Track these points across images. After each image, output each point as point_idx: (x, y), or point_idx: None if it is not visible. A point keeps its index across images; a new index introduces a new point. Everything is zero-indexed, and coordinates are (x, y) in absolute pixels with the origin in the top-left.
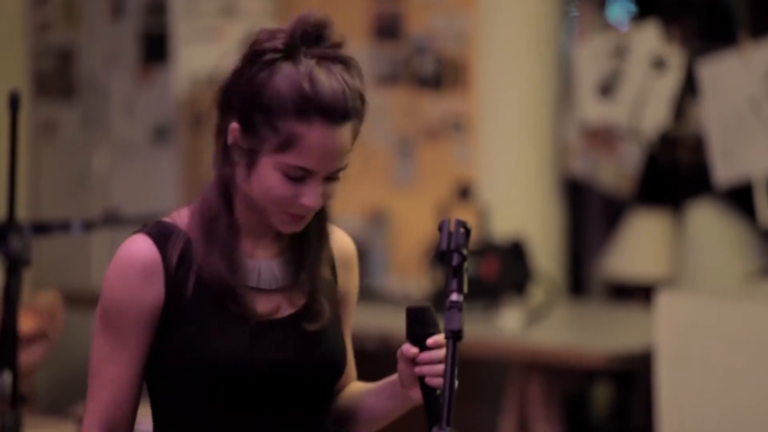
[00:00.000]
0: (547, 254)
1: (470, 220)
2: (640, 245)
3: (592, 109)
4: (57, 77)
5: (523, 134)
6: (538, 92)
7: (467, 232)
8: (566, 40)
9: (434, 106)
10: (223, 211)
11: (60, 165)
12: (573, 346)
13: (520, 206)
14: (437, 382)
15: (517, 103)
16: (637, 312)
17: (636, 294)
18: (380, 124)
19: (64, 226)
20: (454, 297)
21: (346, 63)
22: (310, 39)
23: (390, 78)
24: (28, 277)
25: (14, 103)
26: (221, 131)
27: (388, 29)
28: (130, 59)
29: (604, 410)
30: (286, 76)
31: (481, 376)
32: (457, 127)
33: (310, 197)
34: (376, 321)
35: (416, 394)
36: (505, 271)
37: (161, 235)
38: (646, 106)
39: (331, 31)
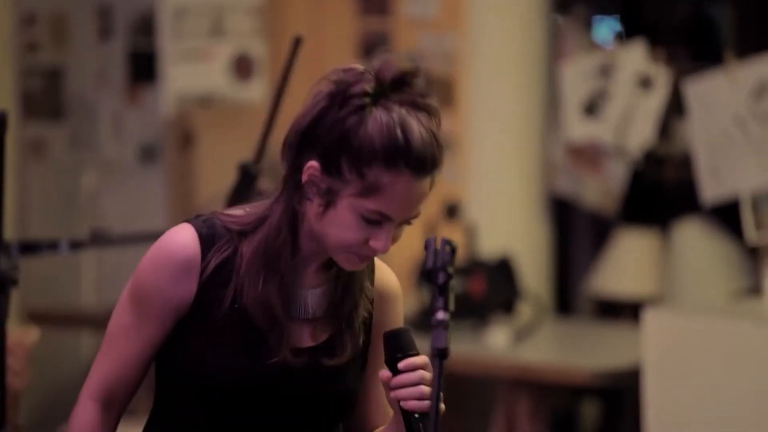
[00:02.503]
0: (534, 272)
1: (457, 238)
2: (627, 263)
3: (578, 128)
4: (45, 97)
5: (510, 153)
6: (524, 111)
7: (453, 250)
8: (552, 59)
9: None
10: (290, 244)
11: (48, 184)
12: (560, 364)
13: (508, 224)
14: (412, 405)
15: (504, 121)
16: (625, 329)
17: (623, 312)
18: None
19: (52, 246)
20: (440, 315)
21: (431, 111)
22: (399, 85)
23: None
24: (16, 296)
25: (2, 123)
26: (295, 168)
27: (375, 49)
28: (118, 79)
29: (592, 427)
30: (378, 123)
31: (469, 393)
32: (444, 146)
33: (381, 242)
34: None
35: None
36: (493, 289)
37: (210, 234)
38: (632, 124)
39: (418, 79)
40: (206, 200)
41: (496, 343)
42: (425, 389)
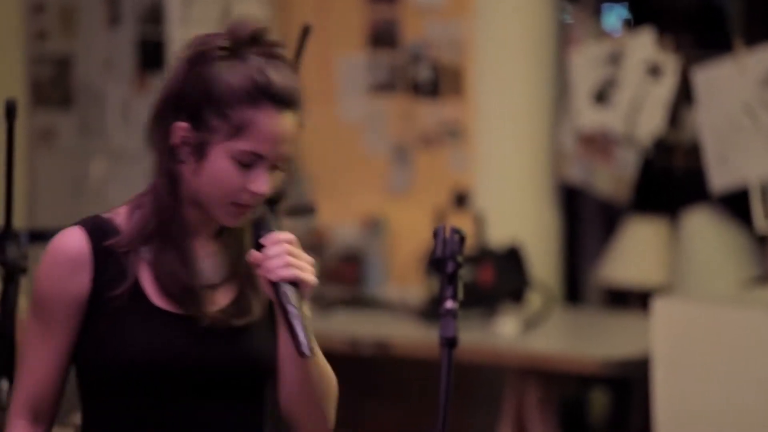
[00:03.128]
0: (543, 261)
1: (466, 226)
2: (636, 252)
3: (588, 116)
4: (54, 85)
5: (519, 141)
6: (533, 99)
7: (462, 239)
8: (561, 46)
9: (430, 114)
10: (176, 211)
11: (57, 172)
12: (570, 353)
13: (517, 213)
14: (279, 274)
15: (513, 110)
16: (634, 318)
17: (632, 300)
18: (376, 132)
19: None
20: (449, 304)
21: (286, 61)
22: (253, 39)
23: (386, 85)
24: (26, 284)
25: (11, 111)
26: (166, 136)
27: (383, 37)
28: (126, 67)
29: (602, 416)
30: (236, 69)
31: (478, 382)
32: (453, 134)
33: (259, 184)
34: (372, 328)
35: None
36: (502, 277)
37: (96, 228)
38: (641, 112)
39: (269, 34)
40: None
41: (505, 332)
42: (290, 258)
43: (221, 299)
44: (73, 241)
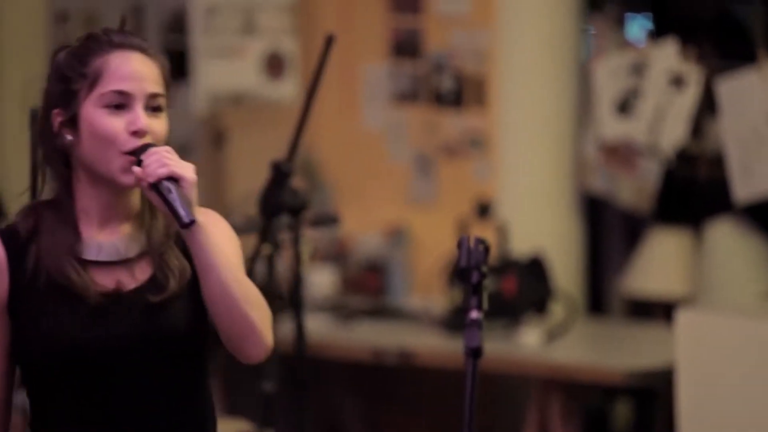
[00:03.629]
0: (566, 271)
1: (489, 237)
2: (659, 262)
3: (611, 126)
4: None
5: (542, 151)
6: (556, 109)
7: (486, 249)
8: (584, 57)
9: (453, 124)
10: (65, 195)
11: None
12: (593, 363)
13: (540, 223)
14: (154, 175)
15: (536, 120)
16: (657, 329)
17: (656, 311)
18: (399, 142)
19: None
20: (474, 314)
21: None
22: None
23: (409, 95)
24: None
25: (35, 119)
26: (50, 137)
27: (406, 46)
28: None
29: (625, 427)
30: (80, 43)
31: (501, 392)
32: (476, 144)
33: (135, 121)
34: (395, 338)
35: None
36: (525, 288)
37: (8, 231)
38: (665, 123)
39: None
40: (238, 198)
41: (529, 343)
42: (166, 159)
43: (139, 276)
44: None
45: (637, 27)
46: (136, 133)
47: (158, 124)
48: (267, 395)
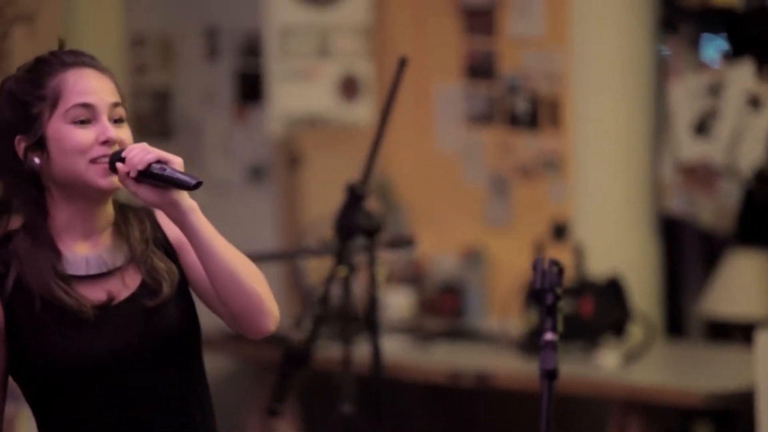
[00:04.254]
0: (644, 293)
1: (565, 258)
2: (738, 284)
3: (688, 147)
4: (154, 118)
5: (618, 172)
6: (632, 130)
7: (560, 271)
8: (659, 78)
9: (528, 145)
10: (39, 217)
11: None
12: (672, 385)
13: (617, 244)
14: (142, 162)
15: (612, 141)
16: (736, 351)
17: (735, 333)
18: (474, 163)
19: None
20: (549, 336)
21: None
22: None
23: (483, 117)
24: None
25: None
26: (14, 164)
27: (480, 68)
28: (225, 99)
29: None
30: (30, 67)
31: (580, 415)
32: (551, 166)
33: (103, 131)
34: (472, 360)
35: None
36: (602, 310)
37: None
38: (742, 143)
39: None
40: (313, 220)
41: (607, 365)
42: (145, 147)
43: (130, 283)
44: None
45: (712, 48)
46: (107, 143)
47: (124, 134)
48: (344, 417)
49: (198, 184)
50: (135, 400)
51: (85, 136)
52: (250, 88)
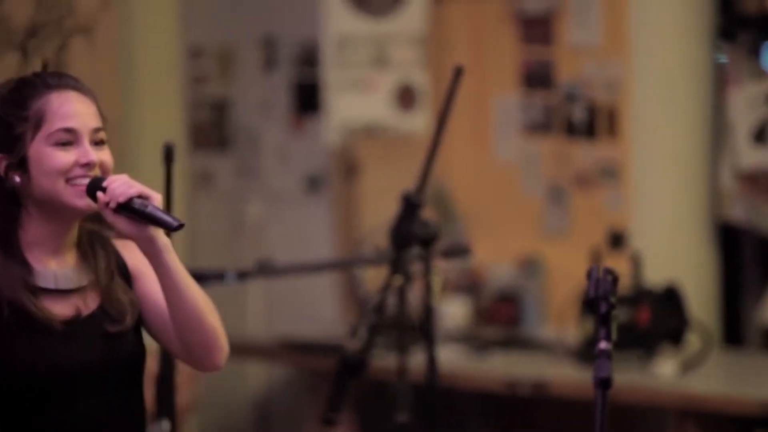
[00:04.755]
0: (701, 301)
1: (622, 267)
2: None
3: (748, 155)
4: (212, 128)
5: (675, 180)
6: (690, 139)
7: (615, 279)
8: (717, 86)
9: (586, 154)
10: (12, 231)
11: (216, 214)
12: (730, 394)
13: (674, 253)
14: (124, 195)
15: (670, 149)
16: None
17: None
18: (531, 172)
19: (219, 276)
20: (603, 345)
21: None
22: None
23: (541, 126)
24: None
25: (169, 154)
26: None
27: (538, 77)
28: (282, 110)
29: None
30: (13, 87)
31: (637, 423)
32: (608, 174)
33: (84, 153)
34: (529, 368)
35: (132, 228)
36: (659, 318)
37: None
38: None
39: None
40: (370, 230)
41: (664, 374)
42: (131, 181)
43: (91, 304)
44: None
45: None
46: (87, 165)
47: (105, 156)
48: (400, 426)
49: (180, 226)
50: (88, 416)
51: (66, 158)
52: (307, 99)
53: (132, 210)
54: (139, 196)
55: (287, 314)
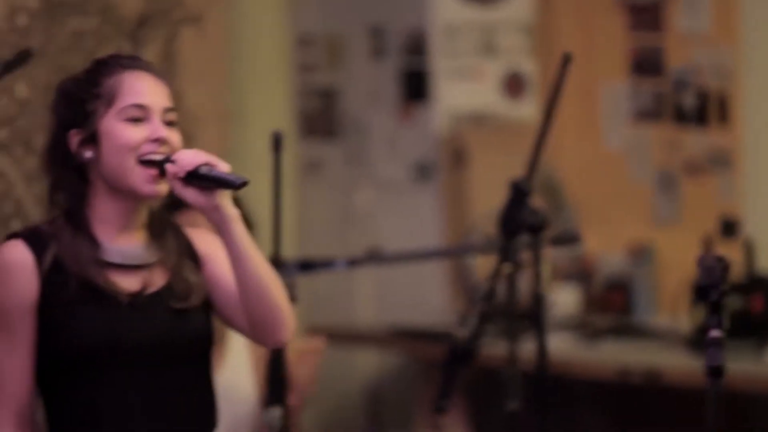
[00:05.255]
0: None
1: (735, 255)
2: None
3: None
4: (321, 117)
5: None
6: None
7: (725, 267)
8: None
9: (696, 141)
10: (81, 207)
11: (325, 203)
12: None
13: None
14: (191, 163)
15: None
16: None
17: None
18: (641, 160)
19: (328, 264)
20: (714, 333)
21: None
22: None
23: (650, 114)
24: (296, 313)
25: (277, 143)
26: (63, 156)
27: (647, 64)
28: (390, 98)
29: None
30: (89, 68)
31: (752, 412)
32: (719, 162)
33: (157, 130)
34: (642, 357)
35: (200, 199)
36: None
37: (33, 237)
38: None
39: None
40: (479, 218)
41: None
42: (196, 151)
43: (158, 281)
44: (15, 251)
45: None
46: (157, 141)
47: (175, 136)
48: (511, 414)
49: (243, 184)
50: (153, 390)
51: (136, 133)
52: (415, 87)
53: (199, 177)
54: (206, 164)
55: (396, 302)
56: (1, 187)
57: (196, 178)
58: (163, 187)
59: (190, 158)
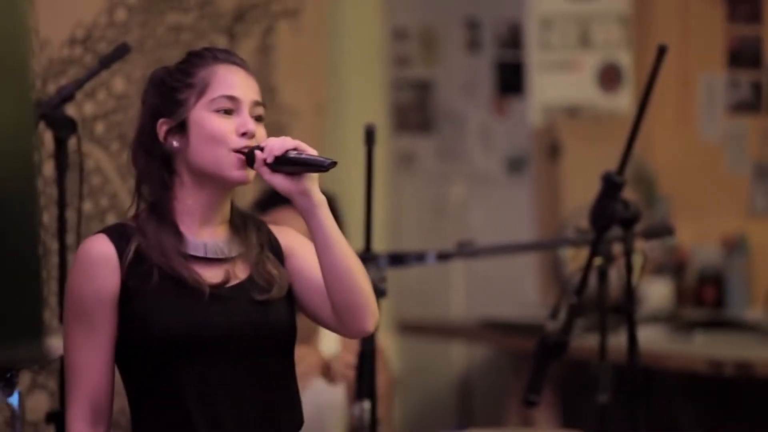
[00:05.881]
0: None
1: None
2: None
3: None
4: (415, 110)
5: None
6: None
7: None
8: None
9: None
10: (166, 198)
11: (418, 196)
12: None
13: None
14: (279, 149)
15: None
16: None
17: None
18: (738, 152)
19: (420, 257)
20: None
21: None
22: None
23: (747, 105)
24: (386, 307)
25: (369, 136)
26: (151, 145)
27: (745, 56)
28: (485, 91)
29: None
30: (183, 59)
31: None
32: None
33: (245, 123)
34: (735, 349)
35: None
36: None
37: (116, 232)
38: None
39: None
40: (572, 211)
41: None
42: (284, 137)
43: (240, 275)
44: (98, 245)
45: None
46: (245, 134)
47: (261, 131)
48: (602, 407)
49: (332, 164)
50: (234, 379)
51: (225, 124)
52: (511, 80)
53: (287, 161)
54: (295, 149)
55: (489, 295)
56: (97, 181)
57: (284, 163)
58: (251, 173)
59: (279, 144)
